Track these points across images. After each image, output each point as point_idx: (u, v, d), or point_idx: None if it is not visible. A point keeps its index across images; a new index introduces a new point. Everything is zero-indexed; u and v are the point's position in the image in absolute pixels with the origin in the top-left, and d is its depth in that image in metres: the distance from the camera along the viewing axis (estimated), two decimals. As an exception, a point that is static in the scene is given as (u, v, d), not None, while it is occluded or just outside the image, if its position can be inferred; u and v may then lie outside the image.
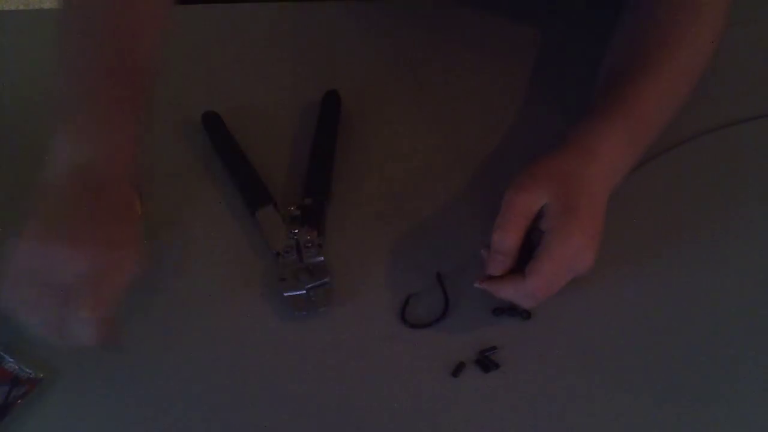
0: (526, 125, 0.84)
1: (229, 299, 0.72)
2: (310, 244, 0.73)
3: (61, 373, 0.67)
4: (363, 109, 0.85)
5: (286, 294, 0.70)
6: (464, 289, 0.71)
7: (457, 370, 0.66)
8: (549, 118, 0.84)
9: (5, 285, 0.61)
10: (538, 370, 0.67)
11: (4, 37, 0.95)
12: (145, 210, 0.76)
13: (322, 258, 0.72)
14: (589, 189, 0.66)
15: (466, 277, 0.71)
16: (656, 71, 0.73)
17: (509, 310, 0.70)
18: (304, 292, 0.70)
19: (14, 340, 0.68)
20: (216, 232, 0.76)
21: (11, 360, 0.67)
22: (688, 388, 0.66)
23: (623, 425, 0.64)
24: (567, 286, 0.71)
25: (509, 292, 0.66)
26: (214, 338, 0.69)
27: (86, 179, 0.63)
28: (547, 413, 0.65)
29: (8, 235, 0.65)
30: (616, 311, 0.70)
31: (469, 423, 0.64)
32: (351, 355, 0.68)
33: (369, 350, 0.68)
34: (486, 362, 0.67)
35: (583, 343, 0.69)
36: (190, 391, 0.66)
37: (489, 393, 0.66)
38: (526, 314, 0.70)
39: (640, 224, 0.76)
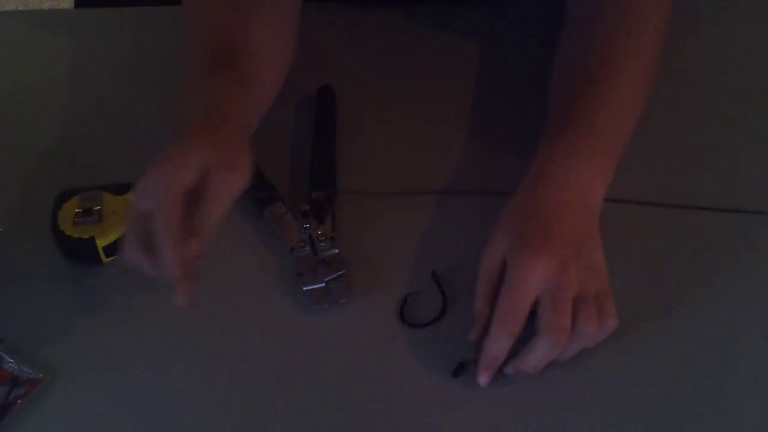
0: (526, 119, 0.84)
1: (241, 297, 0.72)
2: (323, 238, 0.73)
3: (61, 373, 0.66)
4: (357, 102, 0.86)
5: (305, 288, 0.70)
6: (464, 288, 0.71)
7: (457, 370, 0.66)
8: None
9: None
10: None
11: (4, 37, 0.95)
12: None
13: (337, 250, 0.73)
14: (543, 212, 0.65)
15: (464, 276, 0.71)
16: (604, 85, 0.73)
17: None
18: (324, 285, 0.71)
19: (14, 340, 0.68)
20: (225, 232, 0.76)
21: (11, 360, 0.66)
22: (689, 388, 0.66)
23: (623, 425, 0.64)
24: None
25: (537, 356, 0.63)
26: (212, 338, 0.69)
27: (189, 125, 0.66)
28: (547, 413, 0.65)
29: (7, 235, 0.65)
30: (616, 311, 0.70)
31: (469, 423, 0.64)
32: (350, 353, 0.68)
33: (368, 349, 0.68)
34: (486, 362, 0.67)
35: (582, 343, 0.69)
36: (190, 392, 0.66)
37: (489, 393, 0.66)
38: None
39: (646, 234, 0.77)
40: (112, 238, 0.72)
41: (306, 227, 0.74)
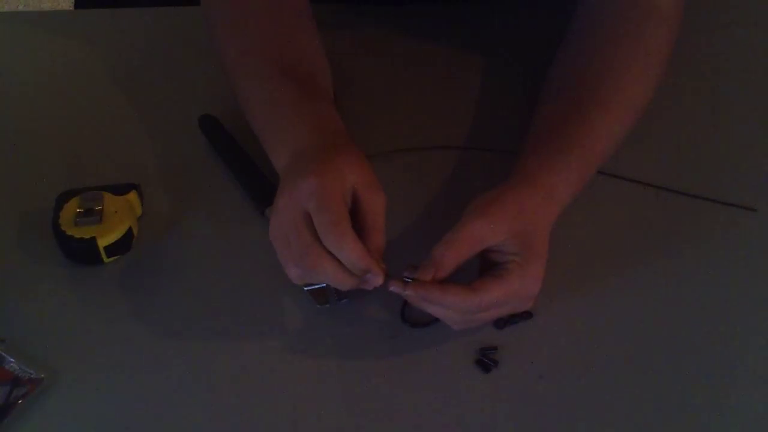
0: (525, 121, 0.84)
1: (242, 297, 0.72)
2: None
3: (62, 373, 0.67)
4: (355, 103, 0.86)
5: (306, 288, 0.70)
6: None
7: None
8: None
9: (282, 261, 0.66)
10: (538, 370, 0.67)
11: (4, 37, 0.95)
12: (149, 211, 0.77)
13: None
14: (543, 227, 0.67)
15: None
16: (609, 109, 0.74)
17: (510, 317, 0.70)
18: (325, 285, 0.70)
19: (15, 340, 0.68)
20: (226, 232, 0.77)
21: (12, 360, 0.67)
22: (689, 387, 0.66)
23: (623, 425, 0.64)
24: (568, 286, 0.71)
25: (450, 300, 0.64)
26: (213, 338, 0.69)
27: (308, 152, 0.68)
28: (547, 413, 0.65)
29: (8, 235, 0.65)
30: (616, 311, 0.71)
31: (470, 422, 0.64)
32: (351, 354, 0.68)
33: (369, 350, 0.68)
34: (486, 362, 0.67)
35: (583, 343, 0.69)
36: (190, 392, 0.66)
37: (489, 393, 0.66)
38: (526, 314, 0.70)
39: (641, 227, 0.77)
40: (113, 238, 0.72)
41: None
